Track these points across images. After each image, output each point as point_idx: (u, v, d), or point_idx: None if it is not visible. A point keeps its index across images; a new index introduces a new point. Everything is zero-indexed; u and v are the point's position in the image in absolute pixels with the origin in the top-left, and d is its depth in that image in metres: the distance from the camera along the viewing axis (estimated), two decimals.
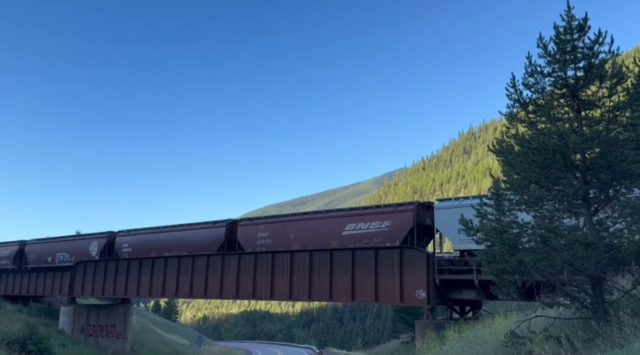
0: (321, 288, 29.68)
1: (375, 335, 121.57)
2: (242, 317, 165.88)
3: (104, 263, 43.24)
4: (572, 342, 11.12)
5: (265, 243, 33.90)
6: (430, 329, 24.01)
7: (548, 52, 13.18)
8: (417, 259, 26.08)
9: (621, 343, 9.87)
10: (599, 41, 12.82)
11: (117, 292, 41.88)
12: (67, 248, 47.94)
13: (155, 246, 41.06)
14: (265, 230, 34.34)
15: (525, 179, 13.44)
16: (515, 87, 13.71)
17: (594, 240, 11.77)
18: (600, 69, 12.82)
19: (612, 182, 12.83)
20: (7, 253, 53.72)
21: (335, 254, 29.39)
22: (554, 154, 12.43)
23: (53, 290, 47.74)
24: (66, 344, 40.08)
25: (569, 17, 12.93)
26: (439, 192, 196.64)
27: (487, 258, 13.15)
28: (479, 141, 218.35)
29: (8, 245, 54.88)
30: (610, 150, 12.63)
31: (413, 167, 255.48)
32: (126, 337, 45.99)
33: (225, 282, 34.45)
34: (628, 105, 12.75)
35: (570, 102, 13.33)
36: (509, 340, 12.54)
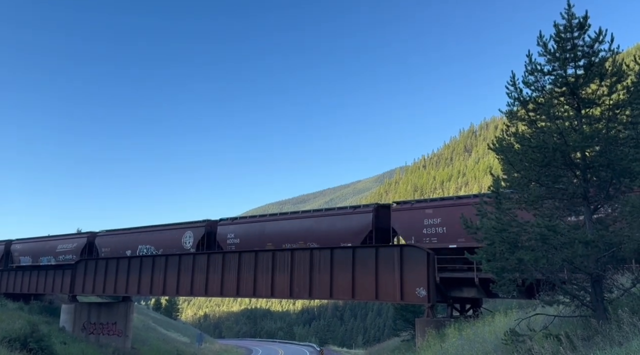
0: (322, 286, 29.72)
1: (376, 333, 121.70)
2: (243, 315, 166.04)
3: (104, 261, 43.29)
4: (572, 340, 11.14)
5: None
6: (430, 327, 24.03)
7: (548, 50, 13.18)
8: (418, 257, 26.10)
9: (620, 341, 9.89)
10: (599, 39, 12.82)
11: (118, 290, 41.94)
12: (152, 240, 41.51)
13: (271, 236, 33.66)
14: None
15: (525, 177, 13.45)
16: (515, 85, 13.71)
17: (594, 239, 11.78)
18: (600, 67, 12.81)
19: (612, 180, 12.83)
20: (74, 246, 47.74)
21: (335, 252, 29.42)
22: (554, 152, 12.44)
23: (54, 288, 47.79)
24: (67, 341, 40.13)
25: (569, 15, 12.93)
26: (440, 190, 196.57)
27: (487, 256, 13.17)
28: (479, 139, 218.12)
29: (75, 237, 49.43)
30: (610, 148, 12.63)
31: (414, 165, 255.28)
32: (127, 335, 46.09)
33: (226, 280, 34.49)
34: (628, 103, 12.74)
35: (570, 100, 13.33)
36: (508, 338, 12.56)
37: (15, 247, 54.04)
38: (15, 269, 52.84)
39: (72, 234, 51.39)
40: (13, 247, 54.12)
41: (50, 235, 52.46)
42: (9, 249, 54.19)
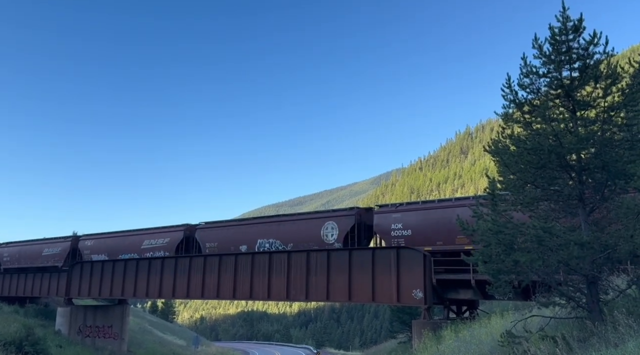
0: (318, 288, 29.70)
1: (373, 335, 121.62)
2: (239, 318, 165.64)
3: (100, 263, 43.16)
4: (568, 342, 11.17)
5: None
6: (427, 328, 24.05)
7: (543, 53, 13.22)
8: (414, 258, 26.13)
9: (616, 342, 9.92)
10: (594, 42, 12.87)
11: (114, 292, 41.81)
12: (278, 232, 33.61)
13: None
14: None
15: (521, 179, 13.49)
16: (510, 87, 13.75)
17: (589, 240, 11.81)
18: (595, 70, 12.86)
19: (607, 182, 12.88)
20: (167, 241, 40.51)
21: (332, 254, 29.42)
22: (549, 154, 12.48)
23: (50, 291, 47.60)
24: (63, 345, 39.99)
25: (564, 18, 12.98)
26: (436, 192, 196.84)
27: (483, 258, 13.19)
28: (475, 141, 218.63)
29: (170, 231, 41.56)
30: (605, 150, 12.69)
31: (410, 167, 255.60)
32: (123, 338, 45.95)
33: (223, 283, 34.43)
34: (623, 105, 12.80)
35: (566, 102, 13.38)
36: (505, 340, 12.57)
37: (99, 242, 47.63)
38: (14, 271, 52.39)
39: (165, 226, 42.92)
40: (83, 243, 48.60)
41: (135, 229, 44.90)
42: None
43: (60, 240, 48.90)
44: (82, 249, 46.33)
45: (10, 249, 53.66)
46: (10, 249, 53.65)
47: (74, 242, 47.55)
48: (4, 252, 53.72)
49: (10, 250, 53.31)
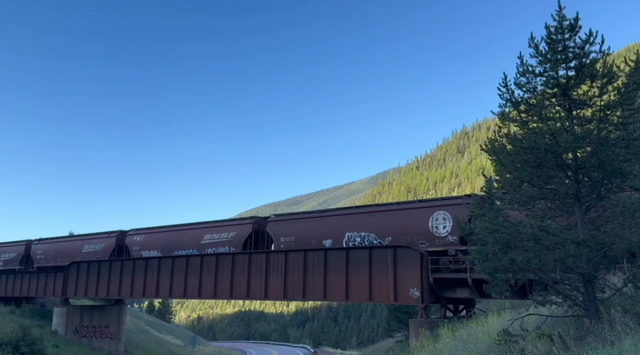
0: (315, 288, 29.70)
1: (370, 334, 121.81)
2: (236, 317, 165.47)
3: (97, 263, 43.05)
4: (564, 340, 11.20)
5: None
6: (424, 327, 24.07)
7: (539, 52, 13.25)
8: (411, 258, 26.14)
9: (612, 340, 9.95)
10: (589, 41, 12.90)
11: (110, 292, 41.71)
12: (372, 224, 29.02)
13: None
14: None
15: (518, 178, 13.51)
16: (507, 86, 13.77)
17: (586, 239, 11.85)
18: (591, 69, 12.90)
19: (603, 180, 12.91)
20: (232, 235, 36.09)
21: (329, 253, 29.42)
22: (545, 153, 12.51)
23: (46, 291, 47.47)
24: (60, 345, 39.90)
25: (560, 17, 13.00)
26: (433, 191, 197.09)
27: (480, 257, 13.23)
28: (472, 140, 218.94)
29: (237, 224, 37.46)
30: (602, 149, 12.73)
31: (407, 166, 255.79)
32: (120, 337, 45.88)
33: (219, 282, 34.41)
34: (619, 104, 12.84)
35: (562, 101, 13.41)
36: (502, 339, 12.60)
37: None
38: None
39: (231, 219, 40.26)
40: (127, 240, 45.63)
41: (194, 222, 40.82)
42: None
43: (103, 236, 45.03)
44: (130, 245, 42.18)
45: (44, 246, 49.40)
46: (45, 246, 49.34)
47: (120, 238, 43.75)
48: (37, 249, 49.70)
49: (44, 248, 49.15)
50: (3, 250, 53.44)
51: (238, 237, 35.39)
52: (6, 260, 52.21)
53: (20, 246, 51.52)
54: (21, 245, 51.39)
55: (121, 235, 43.93)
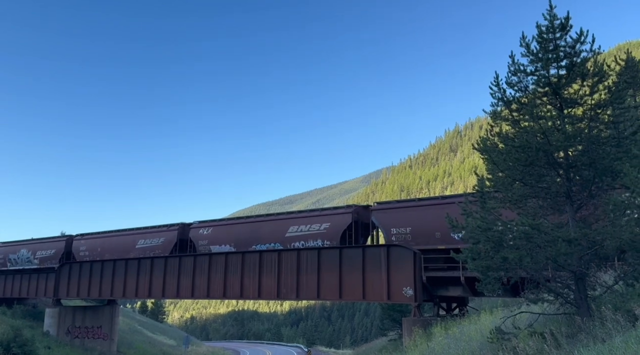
0: (309, 287, 29.70)
1: (364, 333, 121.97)
2: (230, 317, 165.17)
3: (89, 264, 42.83)
4: (556, 338, 11.25)
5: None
6: (417, 326, 24.15)
7: (531, 51, 13.31)
8: (404, 256, 26.20)
9: (603, 338, 10.01)
10: (580, 40, 12.97)
11: (103, 293, 41.53)
12: None
13: None
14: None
15: (510, 176, 13.56)
16: (499, 85, 13.82)
17: (577, 237, 11.91)
18: (582, 68, 12.97)
19: (594, 179, 12.99)
20: (325, 227, 31.71)
21: (322, 252, 29.43)
22: (537, 151, 12.56)
23: (38, 292, 47.18)
24: (51, 346, 39.68)
25: (551, 16, 13.07)
26: (426, 190, 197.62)
27: (472, 255, 13.25)
28: (465, 139, 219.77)
29: (328, 213, 33.11)
30: (592, 147, 12.80)
31: (400, 165, 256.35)
32: (112, 338, 45.70)
33: (213, 282, 34.34)
34: (609, 103, 12.91)
35: (553, 100, 13.47)
36: (494, 337, 12.65)
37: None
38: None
39: (329, 208, 35.63)
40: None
41: (280, 213, 37.11)
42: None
43: (162, 229, 41.24)
44: (196, 239, 37.86)
45: (89, 241, 45.77)
46: (90, 241, 45.70)
47: (182, 231, 39.73)
48: (79, 245, 46.15)
49: (89, 243, 45.51)
50: (39, 247, 49.81)
51: (334, 228, 30.88)
52: (43, 258, 48.46)
53: (59, 242, 47.99)
54: (61, 241, 48.00)
55: (183, 228, 40.00)
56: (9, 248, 52.89)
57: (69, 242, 47.61)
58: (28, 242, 52.00)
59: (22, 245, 51.75)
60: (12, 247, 52.76)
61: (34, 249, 49.66)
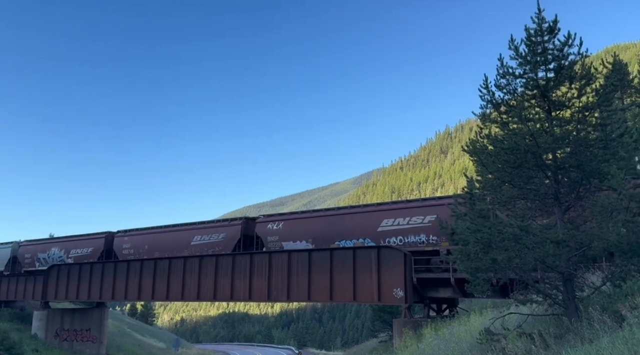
0: (300, 289, 29.67)
1: (355, 334, 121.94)
2: (220, 319, 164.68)
3: (77, 266, 42.48)
4: (545, 339, 11.34)
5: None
6: (407, 327, 24.20)
7: (519, 54, 13.41)
8: (395, 258, 26.26)
9: (591, 338, 10.10)
10: (568, 43, 13.09)
11: (92, 295, 41.19)
12: None
13: None
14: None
15: (499, 178, 13.65)
16: (487, 88, 13.91)
17: (565, 238, 12.01)
18: (570, 71, 13.08)
19: (582, 181, 13.11)
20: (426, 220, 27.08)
21: (313, 254, 29.41)
22: (525, 153, 12.66)
23: (25, 294, 46.68)
24: (39, 349, 39.32)
25: (540, 19, 13.19)
26: (417, 191, 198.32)
27: (462, 257, 13.33)
28: (455, 141, 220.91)
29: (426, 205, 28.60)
30: (580, 149, 12.92)
31: (391, 167, 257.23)
32: (101, 341, 45.32)
33: (203, 284, 34.18)
34: (597, 105, 13.05)
35: (541, 102, 13.58)
36: (483, 338, 12.72)
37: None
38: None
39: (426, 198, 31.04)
40: None
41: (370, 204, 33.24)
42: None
43: (223, 224, 37.33)
44: (264, 234, 33.63)
45: (134, 238, 42.09)
46: (135, 238, 42.02)
47: (246, 227, 35.46)
48: (122, 243, 42.55)
49: (134, 240, 41.89)
50: (74, 245, 46.23)
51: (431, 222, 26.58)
52: (78, 256, 44.90)
53: (98, 239, 44.60)
54: (99, 238, 44.53)
55: (247, 223, 36.09)
56: (38, 246, 49.25)
57: (109, 239, 43.86)
58: (61, 239, 48.66)
59: (53, 243, 48.36)
60: (41, 245, 49.12)
61: (67, 248, 46.22)
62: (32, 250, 50.11)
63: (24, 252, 50.57)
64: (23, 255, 50.49)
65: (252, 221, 36.05)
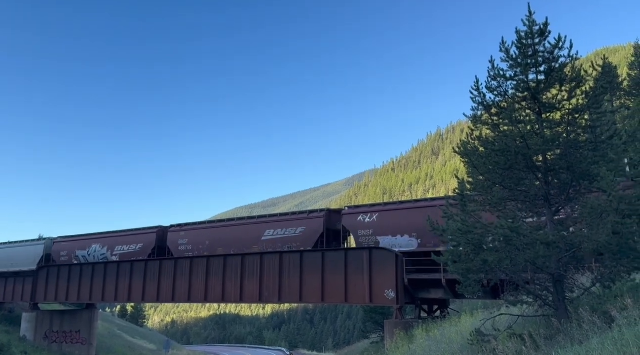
0: (291, 290, 29.61)
1: (346, 335, 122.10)
2: (211, 321, 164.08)
3: (67, 267, 42.15)
4: (535, 339, 11.39)
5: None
6: (399, 328, 24.23)
7: (510, 56, 13.48)
8: (386, 259, 26.28)
9: (580, 339, 10.15)
10: (559, 46, 13.18)
11: (81, 297, 40.86)
12: None
13: None
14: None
15: (489, 180, 13.71)
16: (479, 90, 13.97)
17: (555, 240, 12.07)
18: (560, 73, 13.17)
19: (572, 182, 13.19)
20: None
21: (305, 255, 29.37)
22: (516, 155, 12.73)
23: (14, 296, 46.22)
24: (28, 351, 38.95)
25: (531, 22, 13.26)
26: (409, 192, 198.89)
27: (453, 258, 13.36)
28: (446, 142, 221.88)
29: None
30: (570, 151, 13.01)
31: (383, 168, 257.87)
32: (91, 343, 44.97)
33: (194, 286, 34.03)
34: (587, 108, 13.14)
35: (532, 104, 13.66)
36: (474, 339, 12.75)
37: None
38: None
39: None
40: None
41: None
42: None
43: (301, 217, 32.52)
44: (354, 228, 29.45)
45: (192, 232, 37.59)
46: (193, 232, 37.54)
47: (329, 219, 31.09)
48: (177, 238, 38.05)
49: (192, 235, 37.32)
50: (119, 241, 42.07)
51: None
52: (125, 254, 40.80)
53: (149, 234, 40.44)
54: (150, 233, 40.33)
55: (330, 215, 31.41)
56: (76, 243, 45.18)
57: (162, 234, 39.64)
58: (102, 235, 44.23)
59: (94, 239, 44.14)
60: (80, 242, 45.02)
61: (111, 244, 42.17)
62: (68, 247, 45.34)
63: (59, 249, 45.77)
64: (58, 252, 45.63)
65: (336, 213, 31.73)
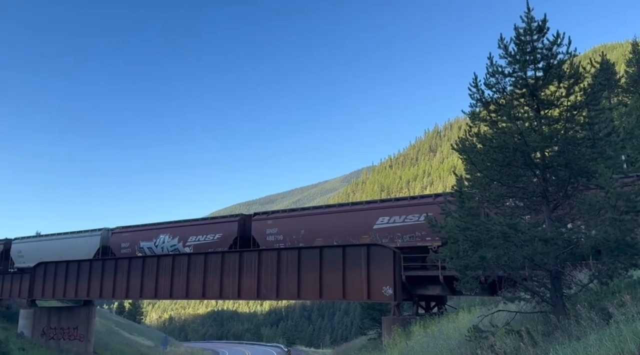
0: (289, 287, 29.64)
1: (344, 332, 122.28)
2: (209, 317, 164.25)
3: (64, 264, 42.10)
4: (532, 336, 11.41)
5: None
6: (396, 324, 24.27)
7: (509, 52, 13.47)
8: (384, 256, 26.32)
9: (578, 336, 10.17)
10: (557, 42, 13.17)
11: (79, 293, 40.85)
12: None
13: None
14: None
15: (487, 176, 13.70)
16: (477, 87, 13.96)
17: (553, 236, 12.08)
18: (559, 70, 13.17)
19: (570, 179, 13.20)
20: None
21: (302, 252, 29.40)
22: (514, 152, 12.72)
23: (12, 293, 46.19)
24: (26, 347, 38.93)
25: (529, 18, 13.24)
26: (406, 189, 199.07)
27: (451, 254, 13.37)
28: (444, 139, 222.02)
29: None
30: (568, 148, 13.01)
31: (380, 165, 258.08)
32: (89, 339, 45.01)
33: (192, 283, 34.04)
34: (585, 104, 13.14)
35: (530, 101, 13.65)
36: (472, 335, 12.77)
37: None
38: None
39: None
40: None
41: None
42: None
43: (421, 202, 28.06)
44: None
45: (283, 220, 33.53)
46: (284, 220, 33.46)
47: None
48: (265, 227, 34.16)
49: (283, 223, 33.29)
50: (194, 230, 38.05)
51: None
52: (200, 244, 36.87)
53: (229, 223, 36.44)
54: (231, 221, 36.47)
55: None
56: (140, 234, 41.49)
57: (244, 222, 35.80)
58: (171, 225, 40.30)
59: (161, 229, 40.44)
60: (144, 232, 41.36)
61: (183, 234, 38.35)
62: (130, 238, 41.79)
63: (119, 240, 42.32)
64: (118, 244, 42.18)
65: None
